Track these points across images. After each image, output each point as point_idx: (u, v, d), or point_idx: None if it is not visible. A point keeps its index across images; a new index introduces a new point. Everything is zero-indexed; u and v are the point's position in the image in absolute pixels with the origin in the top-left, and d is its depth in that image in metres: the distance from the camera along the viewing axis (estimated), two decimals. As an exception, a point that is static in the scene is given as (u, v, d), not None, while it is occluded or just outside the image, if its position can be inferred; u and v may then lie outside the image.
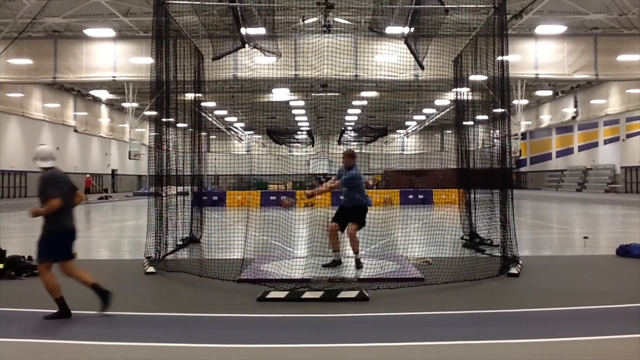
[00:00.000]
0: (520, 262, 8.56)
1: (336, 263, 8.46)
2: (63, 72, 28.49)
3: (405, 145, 55.14)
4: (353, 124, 48.99)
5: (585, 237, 11.89)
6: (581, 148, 52.62)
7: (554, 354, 4.75)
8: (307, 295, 6.53)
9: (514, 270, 8.04)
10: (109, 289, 5.99)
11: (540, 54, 28.14)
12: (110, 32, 26.75)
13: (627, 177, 44.82)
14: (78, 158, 51.26)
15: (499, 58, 9.17)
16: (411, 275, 7.73)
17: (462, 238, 11.71)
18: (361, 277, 7.61)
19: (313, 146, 40.37)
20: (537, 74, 28.63)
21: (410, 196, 30.01)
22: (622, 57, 27.27)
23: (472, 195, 11.84)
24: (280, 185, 36.18)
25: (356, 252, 8.44)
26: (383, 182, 39.75)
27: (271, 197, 28.04)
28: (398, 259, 9.02)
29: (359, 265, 8.37)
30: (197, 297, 6.93)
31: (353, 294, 6.52)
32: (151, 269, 8.42)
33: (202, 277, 7.71)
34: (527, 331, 5.31)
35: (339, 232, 8.53)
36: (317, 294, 6.52)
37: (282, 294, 6.54)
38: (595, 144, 49.95)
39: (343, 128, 43.46)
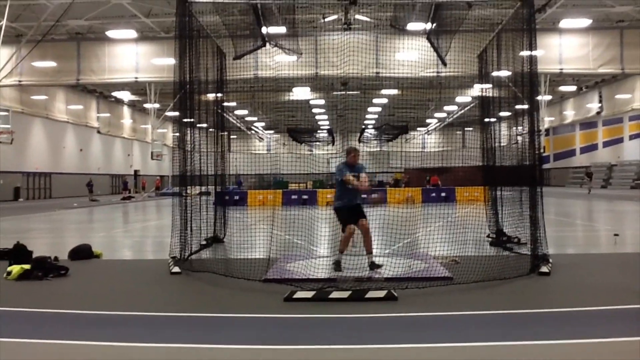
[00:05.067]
0: (551, 260, 8.37)
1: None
2: (86, 74, 28.84)
3: (426, 142, 54.71)
4: (373, 122, 48.80)
5: (616, 235, 11.61)
6: (606, 144, 51.78)
7: (591, 355, 4.59)
8: (335, 295, 6.42)
9: (544, 269, 7.85)
10: (135, 289, 5.94)
11: (565, 48, 27.74)
12: (132, 34, 26.98)
13: (654, 173, 43.99)
14: (101, 159, 51.85)
15: (527, 53, 8.98)
16: (439, 274, 7.59)
17: (488, 236, 11.52)
18: (389, 276, 7.48)
19: (333, 145, 40.25)
20: (561, 69, 28.23)
21: (433, 194, 29.76)
22: (649, 51, 26.74)
23: (499, 193, 11.65)
24: (300, 185, 36.16)
25: (371, 252, 8.17)
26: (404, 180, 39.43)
27: (292, 196, 28.02)
28: (425, 258, 8.88)
29: (374, 266, 8.07)
30: (224, 297, 6.87)
31: (381, 293, 6.40)
32: (176, 269, 8.40)
33: (228, 277, 7.65)
34: (564, 332, 5.14)
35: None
36: (345, 294, 6.41)
37: (309, 294, 6.44)
38: (621, 140, 49.11)
39: (363, 126, 43.26)
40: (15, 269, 8.05)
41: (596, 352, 4.66)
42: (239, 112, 43.83)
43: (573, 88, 44.24)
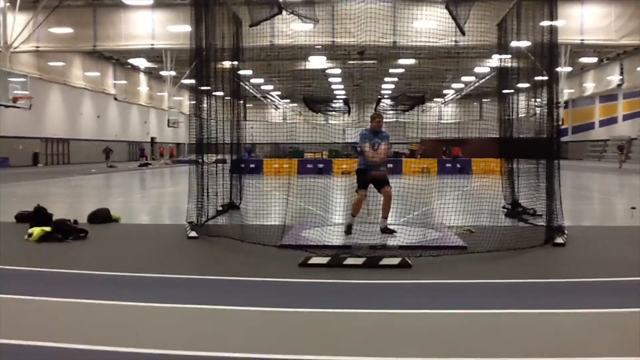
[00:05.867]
0: (566, 231, 8.37)
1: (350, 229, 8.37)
2: (103, 41, 28.88)
3: (443, 113, 54.30)
4: (390, 92, 48.43)
5: (633, 208, 11.54)
6: (626, 117, 50.89)
7: (603, 324, 4.63)
8: (349, 261, 6.50)
9: (559, 240, 7.85)
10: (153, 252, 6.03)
11: (586, 18, 27.19)
12: (147, 0, 26.83)
13: (675, 148, 43.30)
14: (118, 126, 52.15)
15: (548, 23, 8.84)
16: (454, 243, 7.63)
17: (503, 207, 11.51)
18: (403, 244, 7.54)
19: (349, 115, 40.00)
20: (582, 40, 27.71)
21: (448, 165, 29.63)
22: (674, 22, 26.12)
23: (515, 165, 11.59)
24: (316, 154, 36.19)
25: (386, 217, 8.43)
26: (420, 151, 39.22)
27: (308, 165, 28.06)
28: (439, 228, 8.92)
29: (388, 230, 8.38)
30: (240, 261, 6.99)
31: (395, 260, 6.47)
32: (193, 234, 8.53)
33: (244, 242, 7.76)
34: (576, 301, 5.18)
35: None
36: (359, 261, 6.49)
37: (324, 260, 6.53)
38: (642, 113, 48.27)
39: (379, 96, 42.94)
40: (36, 231, 8.23)
41: (608, 321, 4.68)
42: (254, 80, 43.69)
43: (594, 59, 43.46)
